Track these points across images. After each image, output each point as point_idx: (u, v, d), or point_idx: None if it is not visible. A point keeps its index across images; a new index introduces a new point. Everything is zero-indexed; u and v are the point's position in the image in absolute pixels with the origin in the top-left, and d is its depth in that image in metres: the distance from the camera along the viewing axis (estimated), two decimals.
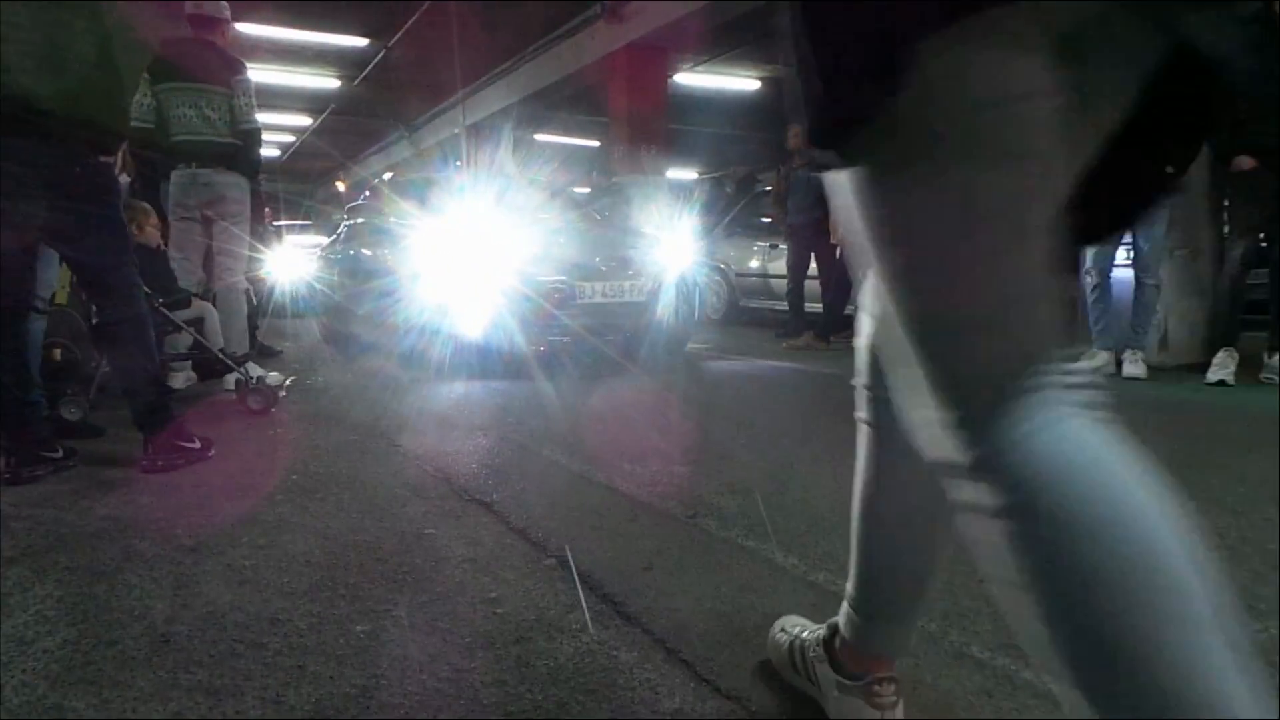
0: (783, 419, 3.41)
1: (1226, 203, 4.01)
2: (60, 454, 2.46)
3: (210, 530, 1.93)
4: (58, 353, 3.05)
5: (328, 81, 12.62)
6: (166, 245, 3.95)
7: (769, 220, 7.89)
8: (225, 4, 4.02)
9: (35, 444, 2.40)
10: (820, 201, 6.40)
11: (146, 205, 3.84)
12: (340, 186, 23.03)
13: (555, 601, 1.51)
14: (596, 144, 15.19)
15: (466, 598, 1.53)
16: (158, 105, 3.79)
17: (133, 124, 3.50)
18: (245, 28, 10.41)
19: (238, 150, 3.89)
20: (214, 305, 3.92)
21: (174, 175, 3.89)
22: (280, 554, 1.78)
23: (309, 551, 1.79)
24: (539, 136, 15.89)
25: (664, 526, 1.94)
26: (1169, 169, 3.26)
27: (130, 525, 1.97)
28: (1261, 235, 3.85)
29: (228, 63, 3.92)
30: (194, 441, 2.57)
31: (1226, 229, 4.02)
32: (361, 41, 10.66)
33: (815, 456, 2.61)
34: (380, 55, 11.16)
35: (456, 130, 14.22)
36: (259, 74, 11.73)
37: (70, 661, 1.28)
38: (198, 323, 3.40)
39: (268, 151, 16.54)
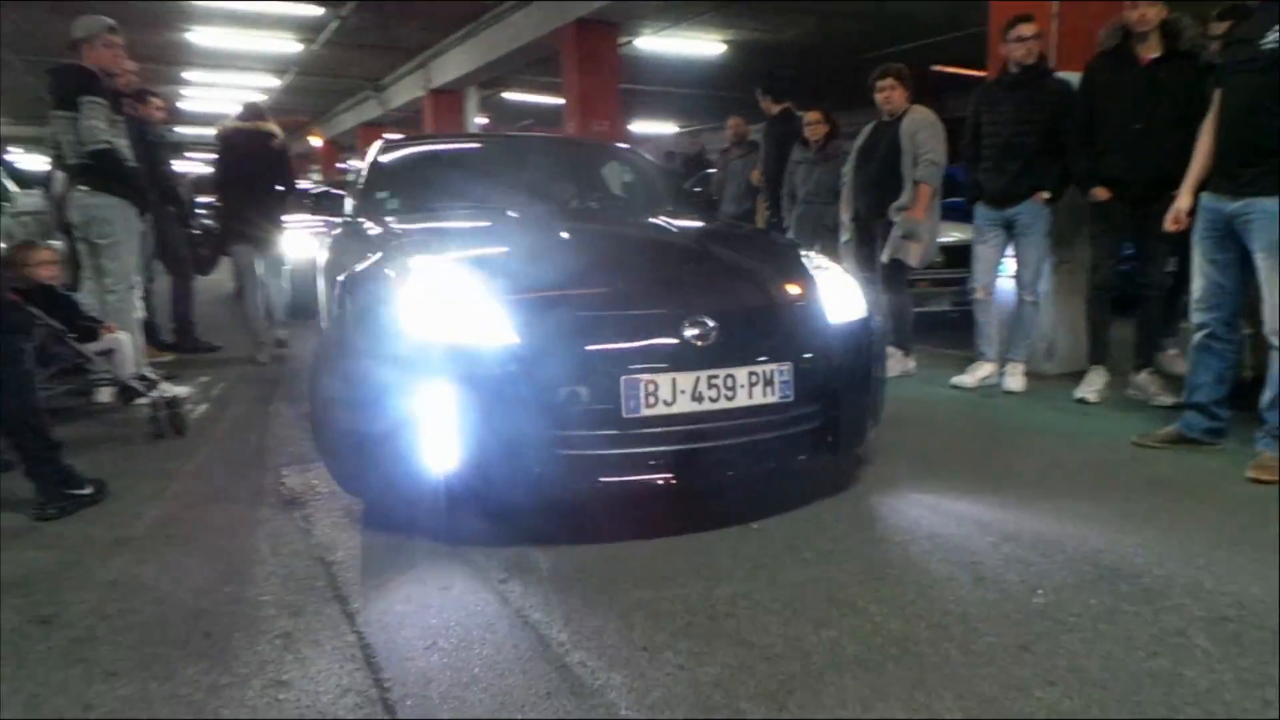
0: None
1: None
2: None
3: (70, 597, 2.17)
4: None
5: (288, 45, 12.56)
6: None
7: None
8: (96, 20, 4.08)
9: None
10: (750, 192, 6.57)
11: (40, 243, 4.01)
12: (316, 141, 22.87)
13: (334, 685, 1.76)
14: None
15: (263, 679, 1.78)
16: None
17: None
18: None
19: (94, 170, 3.99)
20: None
21: None
22: (123, 625, 2.02)
23: (153, 618, 2.04)
24: (506, 95, 15.84)
25: (470, 595, 2.18)
26: (1045, 193, 3.69)
27: (6, 589, 2.22)
28: (1123, 261, 4.07)
29: (80, 85, 3.95)
30: (84, 488, 2.80)
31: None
32: (317, 10, 10.61)
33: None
34: (336, 23, 11.11)
35: (421, 92, 14.19)
36: (212, 38, 11.70)
37: None
38: (108, 353, 3.62)
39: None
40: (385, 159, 3.95)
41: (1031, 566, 2.27)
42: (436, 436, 2.34)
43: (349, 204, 3.75)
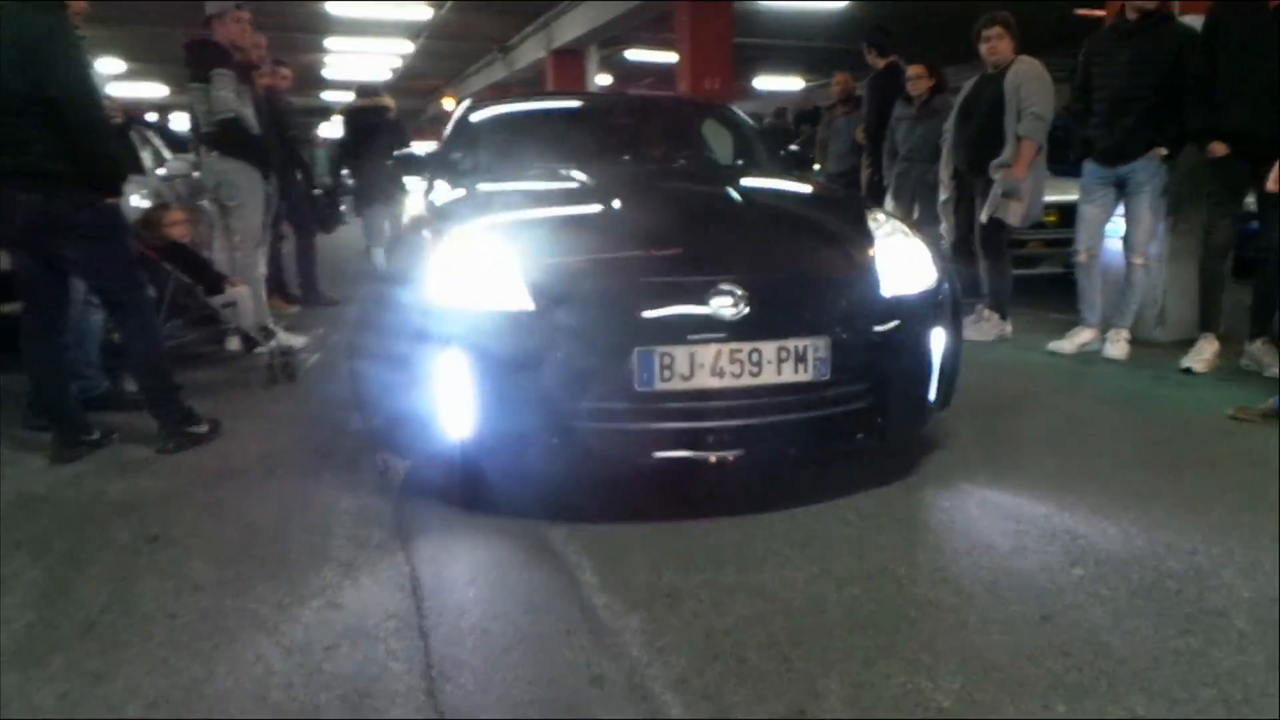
0: None
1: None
2: (96, 435, 3.07)
3: (176, 520, 2.47)
4: (116, 335, 3.66)
5: (419, 11, 13.03)
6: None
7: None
8: (225, 1, 4.43)
9: (76, 429, 3.01)
10: (855, 151, 6.41)
11: (173, 205, 4.42)
12: (449, 104, 23.66)
13: (381, 610, 1.94)
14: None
15: (322, 599, 1.99)
16: None
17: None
18: None
19: (223, 138, 4.35)
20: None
21: None
22: (217, 545, 2.29)
23: (241, 541, 2.30)
24: (628, 54, 15.87)
25: (516, 536, 2.33)
26: (1163, 150, 3.63)
27: (123, 510, 2.54)
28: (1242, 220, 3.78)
29: (211, 59, 4.33)
30: (201, 425, 3.13)
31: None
32: None
33: None
34: None
35: (543, 53, 14.42)
36: (348, 8, 12.30)
37: (23, 643, 1.83)
38: (231, 305, 3.99)
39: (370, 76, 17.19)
40: (469, 120, 4.01)
41: (1079, 539, 2.22)
42: (452, 402, 2.32)
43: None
